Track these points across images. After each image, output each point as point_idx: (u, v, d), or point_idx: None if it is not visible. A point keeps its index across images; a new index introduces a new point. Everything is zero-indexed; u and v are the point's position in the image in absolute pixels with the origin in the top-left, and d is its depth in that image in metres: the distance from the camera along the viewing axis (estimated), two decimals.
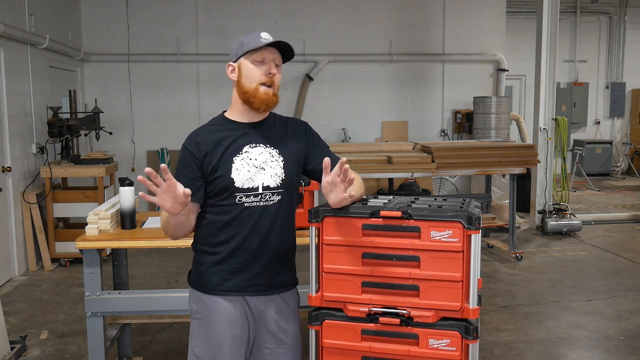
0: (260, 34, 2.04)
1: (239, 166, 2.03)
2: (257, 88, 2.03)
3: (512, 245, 6.30)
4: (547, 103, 7.54)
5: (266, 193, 2.05)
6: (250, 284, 2.08)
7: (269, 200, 2.06)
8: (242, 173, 2.03)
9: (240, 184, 2.03)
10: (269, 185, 2.06)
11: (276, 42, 2.02)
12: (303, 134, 2.18)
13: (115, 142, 8.01)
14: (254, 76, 2.03)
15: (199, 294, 2.11)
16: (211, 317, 2.08)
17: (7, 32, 5.49)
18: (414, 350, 1.96)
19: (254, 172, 2.04)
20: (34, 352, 4.05)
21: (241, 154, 2.04)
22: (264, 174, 2.05)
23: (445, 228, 1.91)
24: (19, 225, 5.91)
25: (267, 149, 2.08)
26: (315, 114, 8.66)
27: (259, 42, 2.01)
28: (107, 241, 3.05)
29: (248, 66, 2.03)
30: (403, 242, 1.96)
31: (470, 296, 1.92)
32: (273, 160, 2.07)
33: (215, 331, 2.07)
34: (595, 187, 10.84)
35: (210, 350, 2.07)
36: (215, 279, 2.08)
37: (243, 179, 2.03)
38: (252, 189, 2.04)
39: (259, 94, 2.03)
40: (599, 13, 12.56)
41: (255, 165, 2.04)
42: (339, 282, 2.02)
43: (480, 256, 1.95)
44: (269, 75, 2.03)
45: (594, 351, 4.07)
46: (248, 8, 8.51)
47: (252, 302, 2.10)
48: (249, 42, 2.03)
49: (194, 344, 2.11)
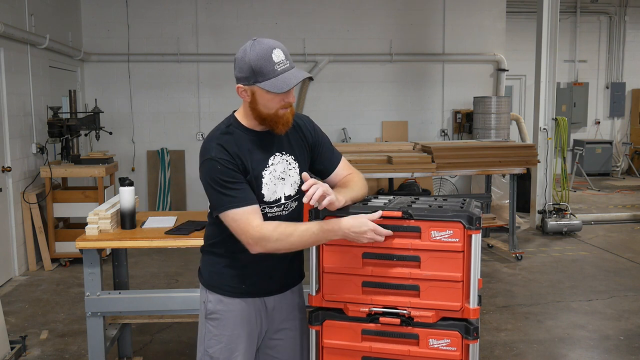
0: (272, 56, 1.86)
1: (267, 181, 2.00)
2: (277, 113, 1.94)
3: (512, 245, 6.30)
4: (547, 103, 7.54)
5: (287, 202, 2.06)
6: (268, 285, 2.11)
7: (289, 208, 2.07)
8: (270, 187, 2.01)
9: (268, 198, 2.01)
10: (289, 195, 2.06)
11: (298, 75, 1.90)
12: (309, 132, 2.13)
13: (115, 142, 8.01)
14: (273, 104, 1.92)
15: (216, 295, 2.10)
16: (228, 317, 2.08)
17: (7, 32, 5.49)
18: (414, 350, 1.96)
19: (277, 184, 2.02)
20: (34, 352, 4.04)
21: (268, 168, 2.00)
22: (284, 184, 2.04)
23: (446, 228, 1.91)
24: (19, 225, 5.91)
25: (284, 157, 2.05)
26: (315, 114, 8.61)
27: (276, 75, 1.85)
28: (107, 241, 3.05)
29: (264, 96, 1.90)
30: (403, 242, 1.96)
31: (471, 296, 1.92)
32: (291, 168, 2.06)
33: (232, 331, 2.08)
34: (595, 187, 10.83)
35: (226, 349, 2.07)
36: (233, 282, 2.09)
37: (270, 193, 2.01)
38: (276, 200, 2.03)
39: (280, 119, 1.94)
40: (599, 13, 12.56)
41: (277, 177, 2.02)
42: (339, 282, 2.02)
43: (480, 256, 1.95)
44: (287, 101, 1.94)
45: (594, 351, 4.07)
46: (248, 8, 8.50)
47: (268, 303, 2.13)
48: (263, 71, 1.86)
49: (208, 344, 2.10)
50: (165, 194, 8.38)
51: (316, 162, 2.15)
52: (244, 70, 1.89)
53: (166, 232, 3.11)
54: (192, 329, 4.25)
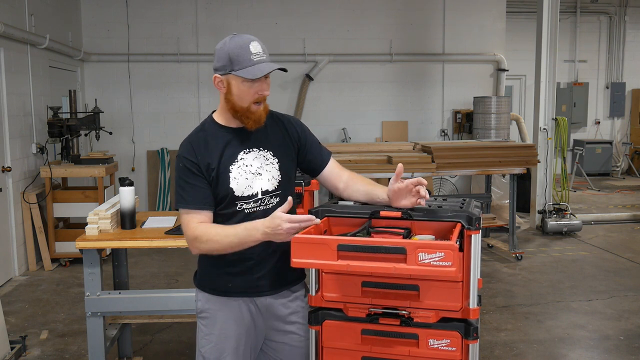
0: (249, 47, 1.92)
1: (236, 175, 2.01)
2: (250, 107, 1.97)
3: (512, 245, 6.30)
4: (547, 103, 7.54)
5: (265, 197, 2.05)
6: (257, 285, 2.09)
7: (268, 203, 2.06)
8: (240, 182, 2.01)
9: (240, 193, 2.02)
10: (267, 190, 2.05)
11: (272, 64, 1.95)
12: (293, 129, 2.15)
13: (115, 142, 8.01)
14: (247, 96, 1.96)
15: (205, 294, 2.12)
16: (217, 316, 2.09)
17: (7, 32, 5.49)
18: (414, 351, 1.96)
19: (251, 178, 2.03)
20: (34, 352, 4.05)
21: (237, 162, 2.02)
22: (261, 179, 2.04)
23: (437, 250, 1.89)
24: (19, 225, 5.91)
25: (261, 152, 2.06)
26: (315, 114, 8.66)
27: (252, 64, 1.91)
28: (107, 241, 3.05)
29: (239, 86, 1.95)
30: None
31: (471, 296, 1.91)
32: (268, 163, 2.06)
33: (220, 330, 2.08)
34: (595, 187, 10.83)
35: (216, 349, 2.08)
36: (220, 281, 2.09)
37: (242, 188, 2.02)
38: (252, 195, 2.03)
39: (251, 114, 1.98)
40: (599, 13, 12.56)
41: (251, 171, 2.03)
42: (339, 282, 2.02)
43: (480, 256, 1.95)
44: (261, 94, 1.98)
45: (594, 351, 4.07)
46: (248, 8, 8.50)
47: (260, 302, 2.11)
48: (239, 59, 1.91)
49: (201, 343, 2.12)
50: (165, 194, 8.38)
51: (305, 161, 2.17)
52: (221, 59, 1.95)
53: (166, 232, 3.12)
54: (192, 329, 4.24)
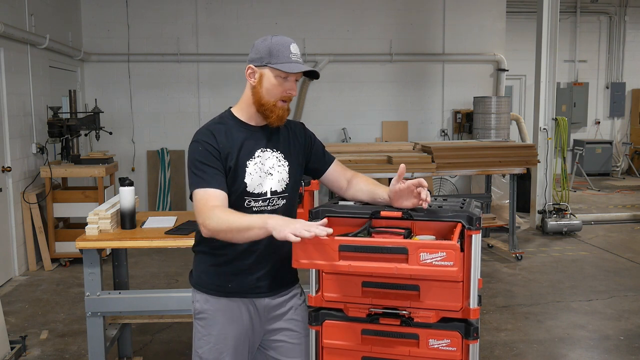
0: (290, 46, 1.99)
1: (252, 171, 2.03)
2: (276, 104, 2.00)
3: (512, 245, 6.30)
4: (547, 103, 7.54)
5: (273, 198, 2.07)
6: (256, 285, 2.09)
7: (275, 204, 2.08)
8: (254, 178, 2.03)
9: (252, 189, 2.03)
10: (276, 190, 2.07)
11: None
12: (302, 135, 2.20)
13: (115, 142, 8.01)
14: (276, 91, 1.99)
15: (202, 295, 2.12)
16: (215, 316, 2.09)
17: (7, 32, 5.49)
18: (415, 351, 1.96)
19: (263, 177, 2.05)
20: (34, 352, 4.05)
21: (254, 159, 2.04)
22: (271, 179, 2.06)
23: (438, 250, 1.89)
24: (19, 225, 5.91)
25: (274, 154, 2.09)
26: (315, 114, 8.66)
27: (290, 62, 1.96)
28: (107, 241, 3.05)
29: (271, 80, 1.98)
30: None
31: (471, 296, 1.91)
32: (280, 165, 2.09)
33: (219, 331, 2.08)
34: (595, 187, 10.84)
35: (214, 350, 2.08)
36: (219, 281, 2.09)
37: (254, 184, 2.03)
38: (261, 194, 2.05)
39: (277, 110, 2.01)
40: (599, 13, 12.56)
41: (264, 170, 2.05)
42: (339, 282, 2.02)
43: (480, 256, 1.95)
44: (289, 93, 2.02)
45: (594, 351, 4.07)
46: (248, 8, 8.50)
47: (259, 304, 2.11)
48: (279, 54, 1.96)
49: (198, 344, 2.12)
50: (165, 194, 8.38)
51: (310, 162, 2.22)
52: (260, 52, 1.99)
53: (166, 232, 3.12)
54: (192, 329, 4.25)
